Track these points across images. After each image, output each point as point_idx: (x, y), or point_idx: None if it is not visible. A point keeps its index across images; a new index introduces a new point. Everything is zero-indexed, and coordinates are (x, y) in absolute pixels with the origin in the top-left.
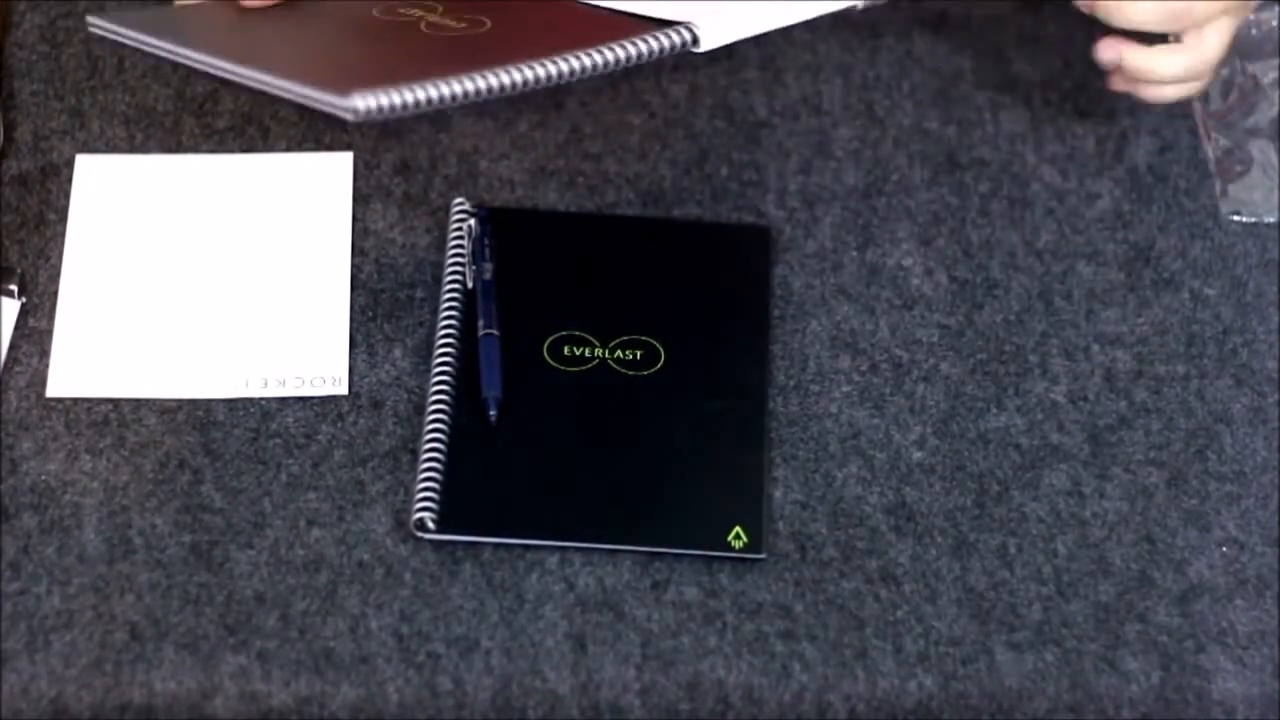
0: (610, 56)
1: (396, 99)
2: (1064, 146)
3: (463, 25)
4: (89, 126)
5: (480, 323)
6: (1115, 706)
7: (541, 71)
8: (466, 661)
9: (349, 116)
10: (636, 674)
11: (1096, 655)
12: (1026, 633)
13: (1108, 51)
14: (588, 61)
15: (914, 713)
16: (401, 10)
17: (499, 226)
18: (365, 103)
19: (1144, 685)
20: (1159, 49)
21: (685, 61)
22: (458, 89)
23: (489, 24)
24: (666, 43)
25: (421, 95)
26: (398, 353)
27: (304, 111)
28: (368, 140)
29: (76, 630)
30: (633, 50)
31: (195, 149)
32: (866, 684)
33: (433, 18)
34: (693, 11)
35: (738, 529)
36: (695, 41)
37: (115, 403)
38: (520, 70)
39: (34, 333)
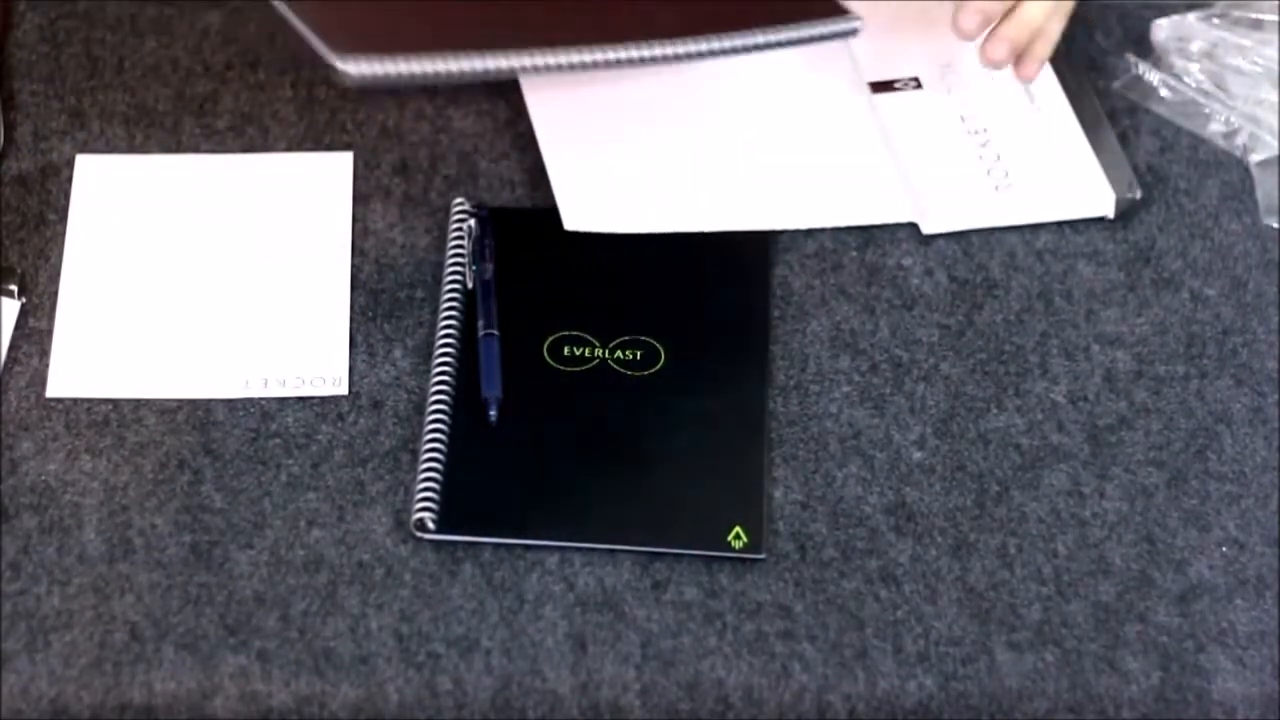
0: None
1: (391, 68)
2: None
3: None
4: (89, 126)
5: (480, 323)
6: (1115, 706)
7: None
8: (466, 661)
9: (344, 80)
10: (636, 674)
11: (1096, 655)
12: (1026, 633)
13: (970, 18)
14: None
15: (914, 713)
16: None
17: (499, 226)
18: (358, 68)
19: (1144, 685)
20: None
21: None
22: (451, 66)
23: None
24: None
25: (418, 68)
26: (398, 353)
27: (304, 110)
28: (368, 140)
29: (76, 630)
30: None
31: (195, 149)
32: (866, 684)
33: None
34: None
35: (738, 529)
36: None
37: (115, 403)
38: (554, 54)
39: (34, 333)
